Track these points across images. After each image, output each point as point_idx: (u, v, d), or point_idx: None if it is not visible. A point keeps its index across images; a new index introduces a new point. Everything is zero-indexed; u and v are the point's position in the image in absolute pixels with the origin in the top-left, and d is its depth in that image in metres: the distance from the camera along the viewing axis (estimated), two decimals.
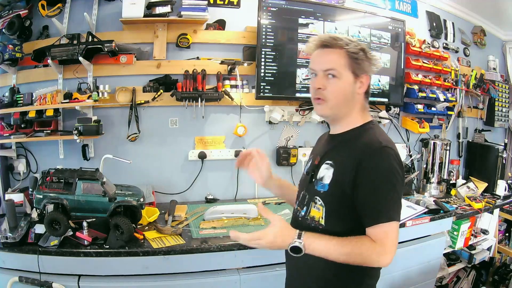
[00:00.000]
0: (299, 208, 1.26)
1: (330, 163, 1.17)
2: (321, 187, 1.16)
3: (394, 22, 2.64)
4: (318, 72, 1.16)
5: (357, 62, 1.14)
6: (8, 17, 2.07)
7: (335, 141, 1.23)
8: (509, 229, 3.07)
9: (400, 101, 2.74)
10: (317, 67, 1.16)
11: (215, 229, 1.81)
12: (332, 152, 1.20)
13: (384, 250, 1.03)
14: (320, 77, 1.15)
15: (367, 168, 1.06)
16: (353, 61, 1.14)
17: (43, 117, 2.01)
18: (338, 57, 1.14)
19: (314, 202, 1.18)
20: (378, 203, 1.06)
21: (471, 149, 3.16)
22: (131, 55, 2.16)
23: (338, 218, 1.13)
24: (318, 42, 1.17)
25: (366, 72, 1.17)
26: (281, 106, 2.44)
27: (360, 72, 1.16)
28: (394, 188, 1.07)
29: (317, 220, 1.16)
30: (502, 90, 3.38)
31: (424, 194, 2.59)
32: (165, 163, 2.32)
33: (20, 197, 1.90)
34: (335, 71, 1.13)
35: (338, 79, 1.14)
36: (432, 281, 2.29)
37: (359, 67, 1.15)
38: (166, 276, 1.64)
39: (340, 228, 1.12)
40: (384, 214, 1.06)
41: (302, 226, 1.21)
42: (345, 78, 1.14)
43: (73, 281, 1.56)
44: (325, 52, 1.16)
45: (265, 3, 2.23)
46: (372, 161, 1.07)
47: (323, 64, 1.15)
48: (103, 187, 1.61)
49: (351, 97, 1.17)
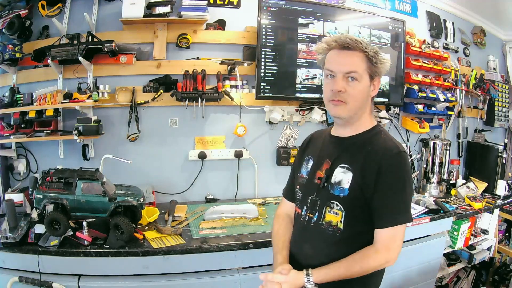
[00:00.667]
0: (309, 214, 1.22)
1: (347, 166, 1.16)
2: (340, 191, 1.15)
3: (394, 22, 2.64)
4: (337, 74, 1.15)
5: (374, 65, 1.15)
6: (8, 17, 2.07)
7: (346, 144, 1.22)
8: (509, 229, 3.07)
9: (400, 101, 2.74)
10: (337, 68, 1.15)
11: (215, 229, 1.81)
12: (346, 156, 1.19)
13: (390, 253, 1.10)
14: (340, 79, 1.14)
15: (388, 173, 1.10)
16: (371, 65, 1.15)
17: (43, 117, 2.01)
18: (359, 60, 1.14)
19: (329, 207, 1.17)
20: (395, 206, 1.11)
21: (471, 149, 3.16)
22: (131, 55, 2.16)
23: (358, 222, 1.15)
24: (337, 43, 1.16)
25: (379, 75, 1.19)
26: (281, 106, 2.44)
27: (375, 75, 1.18)
28: (409, 191, 1.15)
29: (335, 224, 1.16)
30: (502, 90, 3.38)
31: (424, 194, 2.59)
32: (165, 163, 2.32)
33: (20, 197, 1.90)
34: (357, 74, 1.13)
35: (358, 82, 1.14)
36: (432, 281, 2.29)
37: (375, 70, 1.16)
38: (166, 276, 1.64)
39: (358, 229, 1.15)
40: (400, 216, 1.11)
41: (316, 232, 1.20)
42: (364, 82, 1.15)
43: (73, 281, 1.56)
44: (346, 54, 1.15)
45: (265, 3, 2.23)
46: (392, 166, 1.12)
47: (344, 66, 1.14)
48: (103, 187, 1.61)
49: (366, 100, 1.19)
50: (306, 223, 1.23)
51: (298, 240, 1.27)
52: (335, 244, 1.16)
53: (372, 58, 1.15)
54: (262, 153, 2.48)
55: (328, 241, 1.17)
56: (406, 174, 1.13)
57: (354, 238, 1.14)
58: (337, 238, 1.15)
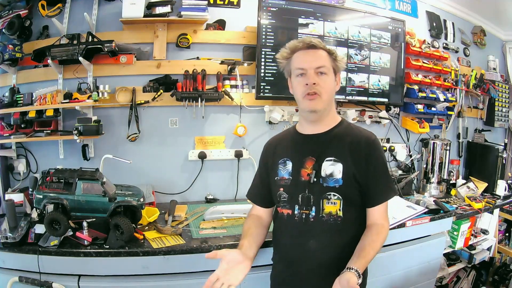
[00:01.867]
0: (304, 211, 1.25)
1: (334, 159, 1.25)
2: (334, 182, 1.24)
3: (394, 22, 2.64)
4: (308, 70, 1.25)
5: (335, 61, 1.29)
6: (8, 17, 2.07)
7: (325, 139, 1.30)
8: (509, 229, 3.07)
9: (400, 101, 2.74)
10: (308, 65, 1.25)
11: (215, 229, 1.81)
12: (330, 149, 1.28)
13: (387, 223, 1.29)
14: (312, 74, 1.24)
15: (374, 156, 1.26)
16: (333, 61, 1.28)
17: (43, 117, 2.01)
18: (325, 57, 1.27)
19: (326, 199, 1.24)
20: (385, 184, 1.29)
21: (471, 149, 3.16)
22: (131, 55, 2.16)
23: (354, 207, 1.27)
24: (304, 43, 1.27)
25: (339, 70, 1.32)
26: (281, 106, 2.44)
27: (337, 70, 1.31)
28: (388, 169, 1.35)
29: (335, 214, 1.24)
30: (502, 90, 3.38)
31: (424, 194, 2.59)
32: (165, 163, 2.32)
33: (20, 197, 1.90)
34: (325, 68, 1.25)
35: (327, 75, 1.26)
36: (432, 281, 2.29)
37: (337, 65, 1.30)
38: (166, 276, 1.64)
39: (355, 214, 1.27)
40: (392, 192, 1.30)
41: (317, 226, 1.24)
42: (331, 75, 1.28)
43: (73, 281, 1.56)
44: (313, 52, 1.26)
45: (265, 3, 2.23)
46: (376, 150, 1.28)
47: (314, 62, 1.25)
48: (103, 187, 1.61)
49: (333, 93, 1.32)
50: (304, 220, 1.26)
51: (298, 240, 1.28)
52: (338, 232, 1.24)
53: (333, 55, 1.28)
54: None
55: (332, 230, 1.24)
56: (384, 155, 1.33)
57: (351, 223, 1.26)
58: (339, 225, 1.23)
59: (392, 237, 1.99)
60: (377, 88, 2.60)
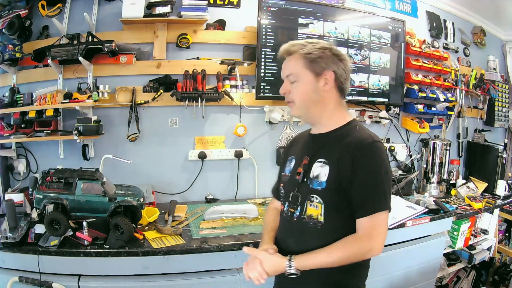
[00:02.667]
0: (291, 209, 1.26)
1: (324, 160, 1.20)
2: (318, 184, 1.19)
3: (394, 22, 2.64)
4: (284, 79, 1.27)
5: (314, 61, 1.19)
6: (8, 17, 2.07)
7: (323, 140, 1.26)
8: (509, 229, 3.07)
9: (400, 101, 2.74)
10: (282, 74, 1.28)
11: (215, 229, 1.81)
12: (323, 151, 1.23)
13: (372, 242, 1.11)
14: (285, 83, 1.26)
15: (363, 162, 1.12)
16: (309, 61, 1.20)
17: (43, 117, 2.01)
18: (294, 62, 1.23)
19: (309, 200, 1.20)
20: (372, 194, 1.13)
21: (471, 149, 3.16)
22: (131, 55, 2.16)
23: (338, 213, 1.17)
24: (282, 52, 1.27)
25: (328, 68, 1.20)
26: (281, 106, 2.44)
27: (321, 70, 1.20)
28: (386, 179, 1.15)
29: (315, 218, 1.19)
30: (502, 90, 3.38)
31: (424, 194, 2.59)
32: (165, 163, 2.32)
33: (20, 197, 1.90)
34: (292, 75, 1.23)
35: (297, 82, 1.23)
36: (432, 281, 2.29)
37: (318, 65, 1.20)
38: (166, 276, 1.64)
39: (339, 222, 1.17)
40: (379, 205, 1.13)
41: (298, 226, 1.23)
42: (305, 79, 1.21)
43: (73, 281, 1.56)
44: (286, 60, 1.26)
45: (265, 3, 2.23)
46: (367, 155, 1.14)
47: (283, 71, 1.27)
48: (103, 187, 1.61)
49: (316, 95, 1.22)
50: (288, 218, 1.27)
51: (283, 236, 1.31)
52: (317, 237, 1.18)
53: (308, 56, 1.20)
54: (262, 153, 2.48)
55: (310, 234, 1.20)
56: (380, 163, 1.14)
57: (335, 231, 1.16)
58: (319, 231, 1.18)
59: (392, 237, 1.99)
60: (377, 88, 2.60)
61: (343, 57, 1.23)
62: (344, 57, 1.24)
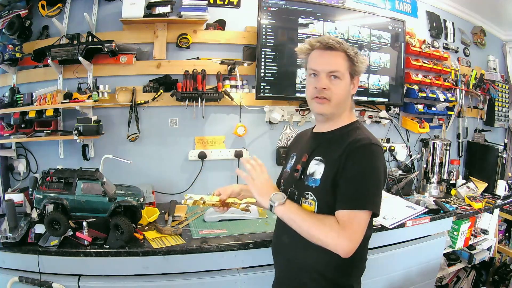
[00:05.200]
0: None
1: (320, 158, 1.22)
2: (313, 182, 1.20)
3: (394, 22, 2.64)
4: (321, 73, 1.20)
5: (355, 64, 1.21)
6: (8, 17, 2.07)
7: (323, 139, 1.28)
8: (509, 229, 3.07)
9: (400, 101, 2.74)
10: (321, 67, 1.20)
11: (215, 229, 1.81)
12: (321, 149, 1.25)
13: (343, 233, 1.06)
14: (323, 78, 1.20)
15: (354, 159, 1.13)
16: (352, 64, 1.21)
17: (43, 117, 2.01)
18: (341, 60, 1.20)
19: (304, 197, 1.22)
20: (356, 190, 1.12)
21: (471, 149, 3.16)
22: (131, 55, 2.16)
23: (330, 211, 1.15)
24: (321, 43, 1.21)
25: (359, 73, 1.25)
26: (281, 106, 2.44)
27: (355, 74, 1.24)
28: (374, 181, 1.13)
29: None
30: (502, 90, 3.38)
31: (424, 194, 2.59)
32: (165, 163, 2.32)
33: (20, 197, 1.90)
34: (339, 72, 1.19)
35: (340, 80, 1.20)
36: (432, 281, 2.29)
37: (355, 69, 1.23)
38: (166, 276, 1.64)
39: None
40: (360, 202, 1.10)
41: None
42: (346, 80, 1.22)
43: (73, 281, 1.56)
44: (329, 54, 1.20)
45: (265, 3, 2.23)
46: (359, 154, 1.14)
47: (327, 65, 1.20)
48: (103, 187, 1.61)
49: (347, 97, 1.25)
50: None
51: (279, 231, 1.32)
52: None
53: (353, 58, 1.20)
54: (262, 153, 2.48)
55: None
56: (372, 165, 1.14)
57: None
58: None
59: (392, 237, 2.00)
60: (377, 88, 2.60)
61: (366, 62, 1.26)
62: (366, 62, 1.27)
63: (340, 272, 1.21)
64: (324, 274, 1.21)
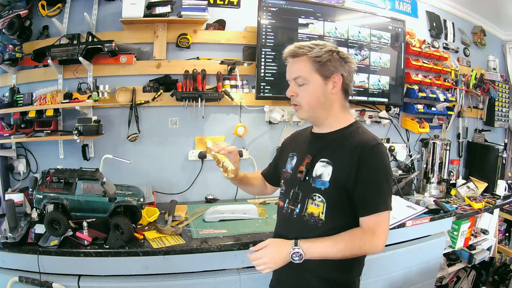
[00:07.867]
0: (291, 206, 1.28)
1: (327, 161, 1.22)
2: (321, 184, 1.21)
3: (394, 22, 2.64)
4: (289, 81, 1.26)
5: (324, 64, 1.19)
6: (8, 17, 2.07)
7: (325, 140, 1.28)
8: (509, 229, 3.07)
9: (400, 101, 2.74)
10: (288, 76, 1.26)
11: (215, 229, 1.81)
12: (327, 151, 1.25)
13: (376, 238, 1.15)
14: (292, 85, 1.25)
15: (368, 164, 1.16)
16: (317, 65, 1.20)
17: (43, 117, 2.01)
18: (303, 65, 1.21)
19: (311, 199, 1.23)
20: (377, 194, 1.17)
21: (471, 149, 3.16)
22: (131, 55, 2.16)
23: (339, 212, 1.20)
24: (287, 54, 1.26)
25: (337, 71, 1.21)
26: (281, 106, 2.44)
27: (329, 73, 1.21)
28: (389, 180, 1.20)
29: (317, 215, 1.21)
30: (502, 90, 3.39)
31: (424, 194, 2.59)
32: (165, 163, 2.32)
33: (20, 197, 1.90)
34: (301, 78, 1.22)
35: (306, 85, 1.22)
36: (432, 281, 2.29)
37: (326, 68, 1.20)
38: (166, 276, 1.64)
39: (340, 221, 1.20)
40: (382, 205, 1.17)
41: (298, 223, 1.25)
42: (314, 82, 1.21)
43: (73, 281, 1.56)
44: (292, 62, 1.25)
45: (265, 3, 2.23)
46: (371, 157, 1.17)
47: (291, 73, 1.25)
48: (103, 187, 1.61)
49: (324, 98, 1.23)
50: (288, 215, 1.29)
51: (282, 232, 1.32)
52: (318, 235, 1.20)
53: (316, 59, 1.19)
54: (262, 153, 2.48)
55: (310, 231, 1.21)
56: (384, 165, 1.19)
57: (336, 230, 1.19)
58: (319, 229, 1.20)
59: (392, 237, 1.99)
60: (377, 88, 2.60)
61: (349, 60, 1.24)
62: (350, 59, 1.25)
63: (341, 269, 1.23)
64: (325, 272, 1.22)
